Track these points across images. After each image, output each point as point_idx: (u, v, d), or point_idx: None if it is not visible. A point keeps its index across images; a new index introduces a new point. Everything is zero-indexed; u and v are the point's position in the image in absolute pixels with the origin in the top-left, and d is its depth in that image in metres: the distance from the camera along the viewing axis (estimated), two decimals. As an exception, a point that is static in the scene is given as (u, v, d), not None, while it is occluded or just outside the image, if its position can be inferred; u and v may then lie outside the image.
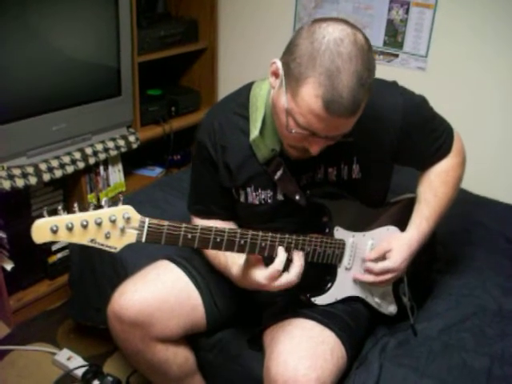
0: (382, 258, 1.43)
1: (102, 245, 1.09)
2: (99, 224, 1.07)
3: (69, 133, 2.19)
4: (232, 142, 1.42)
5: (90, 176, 2.42)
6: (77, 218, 1.05)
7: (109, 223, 1.08)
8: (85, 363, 2.06)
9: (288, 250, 1.30)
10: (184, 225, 1.18)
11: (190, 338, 1.58)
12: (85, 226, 1.05)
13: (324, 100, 1.11)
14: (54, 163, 2.14)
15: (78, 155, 2.23)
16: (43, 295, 2.33)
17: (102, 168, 2.45)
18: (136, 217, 1.11)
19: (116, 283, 1.52)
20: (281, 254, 1.26)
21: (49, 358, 2.12)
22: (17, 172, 2.02)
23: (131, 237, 1.12)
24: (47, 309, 2.35)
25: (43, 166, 2.11)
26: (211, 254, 1.47)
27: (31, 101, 2.05)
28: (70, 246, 2.10)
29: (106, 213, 1.08)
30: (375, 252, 1.44)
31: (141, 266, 1.57)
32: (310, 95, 1.12)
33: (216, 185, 1.47)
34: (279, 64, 1.20)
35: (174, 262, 1.55)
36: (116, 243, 1.11)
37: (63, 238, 1.05)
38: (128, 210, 1.10)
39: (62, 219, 1.04)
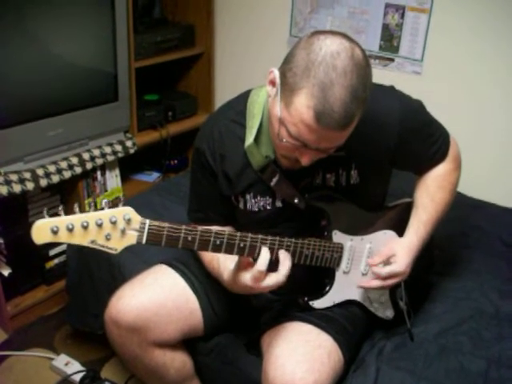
0: (386, 263, 1.43)
1: (103, 246, 1.09)
2: (100, 225, 1.07)
3: (66, 138, 2.20)
4: (231, 151, 1.42)
5: (88, 181, 2.42)
6: (77, 218, 1.05)
7: (109, 224, 1.08)
8: (82, 368, 2.05)
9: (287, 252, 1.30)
10: (184, 227, 1.18)
11: (187, 342, 1.58)
12: (85, 227, 1.05)
13: (315, 111, 1.11)
14: (51, 168, 2.14)
15: (75, 160, 2.23)
16: (40, 301, 2.32)
17: (99, 173, 2.45)
18: (137, 218, 1.12)
19: (113, 288, 1.51)
20: (263, 255, 1.24)
21: (46, 363, 2.11)
22: (14, 177, 2.02)
23: (132, 238, 1.12)
24: (45, 314, 2.35)
25: (40, 172, 2.11)
26: (206, 259, 1.47)
27: (28, 106, 2.05)
28: (68, 252, 2.10)
29: (106, 214, 1.07)
30: (379, 257, 1.43)
31: (138, 271, 1.57)
32: (302, 106, 1.12)
33: (215, 192, 1.48)
34: (276, 73, 1.21)
35: (172, 266, 1.56)
36: (116, 244, 1.10)
37: (64, 239, 1.05)
38: (129, 211, 1.10)
39: (63, 220, 1.04)
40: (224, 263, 1.37)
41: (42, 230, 1.03)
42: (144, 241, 1.13)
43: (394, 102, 1.39)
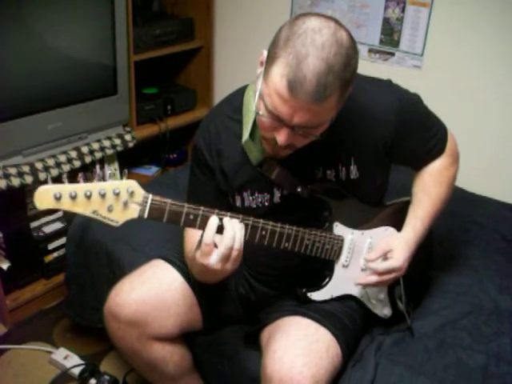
0: (383, 258, 1.43)
1: (105, 217, 1.09)
2: (103, 196, 1.07)
3: (65, 131, 2.19)
4: (227, 147, 1.41)
5: (86, 175, 2.42)
6: (81, 187, 1.05)
7: (112, 196, 1.08)
8: (81, 362, 2.06)
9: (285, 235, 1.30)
10: (187, 204, 1.18)
11: (186, 336, 1.58)
12: (88, 197, 1.05)
13: (287, 80, 1.10)
14: (50, 162, 2.14)
15: (74, 154, 2.22)
16: (39, 294, 2.32)
17: (98, 167, 2.45)
18: (140, 192, 1.11)
19: (112, 282, 1.52)
20: (208, 226, 1.19)
21: (45, 356, 2.12)
22: (12, 171, 2.02)
23: (134, 212, 1.12)
24: (43, 308, 2.35)
25: (39, 165, 2.10)
26: (188, 248, 1.46)
27: (27, 99, 2.04)
28: (67, 245, 2.10)
29: (110, 185, 1.08)
30: (376, 253, 1.43)
31: (137, 265, 1.57)
32: (277, 75, 1.12)
33: (213, 189, 1.47)
34: (265, 53, 1.21)
35: (169, 261, 1.55)
36: (118, 217, 1.10)
37: (66, 206, 1.05)
38: (132, 184, 1.10)
39: (66, 188, 1.04)
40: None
41: (45, 196, 1.03)
42: (146, 215, 1.13)
43: (391, 95, 1.38)
